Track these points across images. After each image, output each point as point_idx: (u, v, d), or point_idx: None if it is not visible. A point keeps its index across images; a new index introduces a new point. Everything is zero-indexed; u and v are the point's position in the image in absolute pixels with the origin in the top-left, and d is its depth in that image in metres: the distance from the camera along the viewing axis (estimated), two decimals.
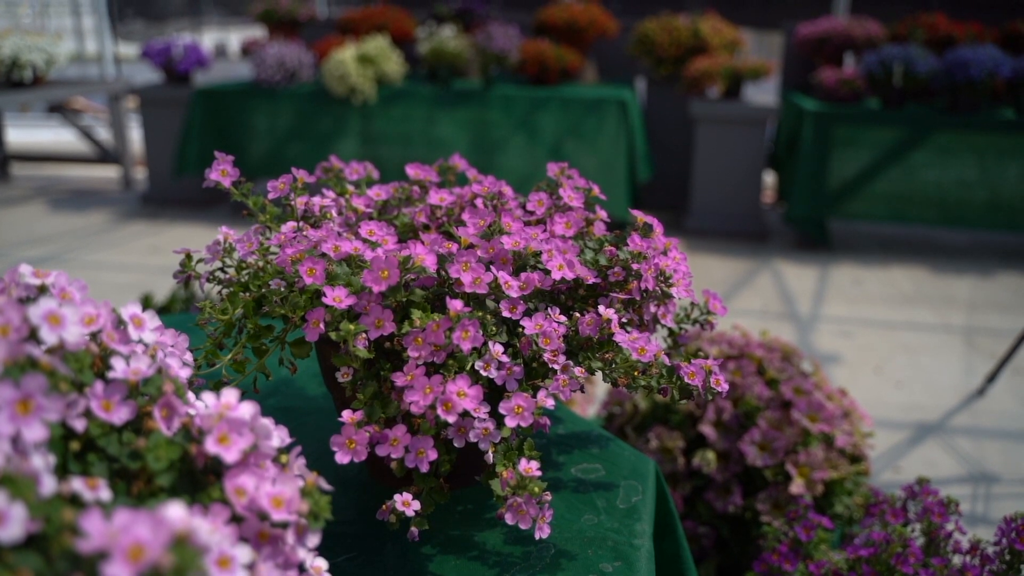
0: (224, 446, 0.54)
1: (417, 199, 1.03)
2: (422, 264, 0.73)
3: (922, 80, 4.16)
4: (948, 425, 2.78)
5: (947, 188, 4.21)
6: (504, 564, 0.85)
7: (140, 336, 0.62)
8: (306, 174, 0.96)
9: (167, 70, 5.00)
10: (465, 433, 0.73)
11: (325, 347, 0.88)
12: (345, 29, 5.08)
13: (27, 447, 0.48)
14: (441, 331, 0.70)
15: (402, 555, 0.86)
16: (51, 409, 0.49)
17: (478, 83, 4.70)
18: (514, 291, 0.77)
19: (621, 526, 0.91)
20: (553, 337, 0.75)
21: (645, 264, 0.84)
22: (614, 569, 0.84)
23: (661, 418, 1.55)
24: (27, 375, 0.48)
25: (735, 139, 4.46)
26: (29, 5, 10.78)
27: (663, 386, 0.80)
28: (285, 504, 0.54)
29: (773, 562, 1.18)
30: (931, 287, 4.03)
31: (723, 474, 1.47)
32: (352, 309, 0.75)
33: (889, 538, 1.13)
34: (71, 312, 0.53)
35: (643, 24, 4.84)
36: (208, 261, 0.92)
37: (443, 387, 0.69)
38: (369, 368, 0.77)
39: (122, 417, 0.55)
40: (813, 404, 1.46)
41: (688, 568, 1.07)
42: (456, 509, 0.93)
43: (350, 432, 0.70)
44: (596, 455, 1.05)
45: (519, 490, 0.70)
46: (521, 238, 0.82)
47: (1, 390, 0.47)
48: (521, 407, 0.71)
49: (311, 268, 0.75)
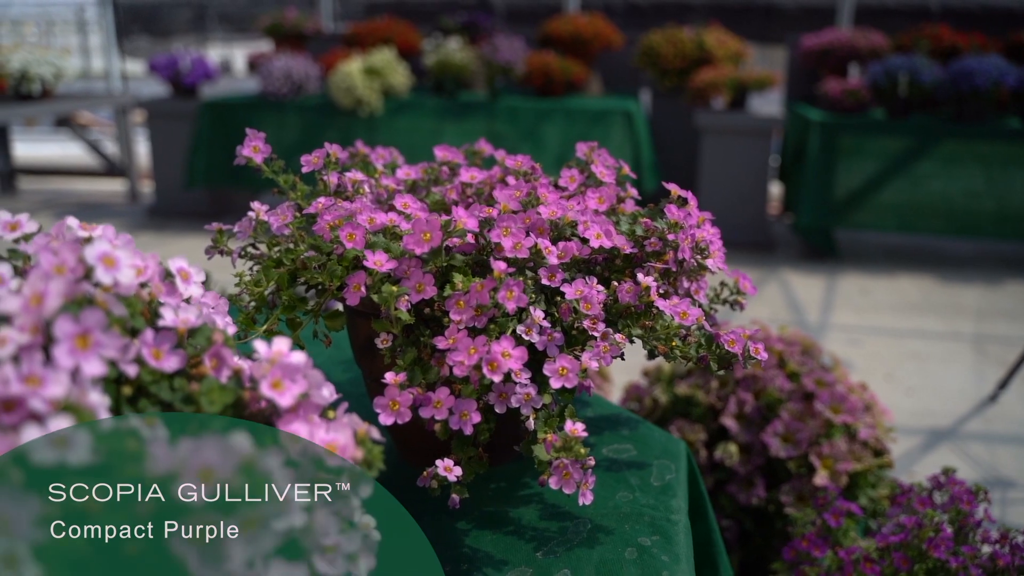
0: (278, 391, 0.53)
1: (446, 179, 1.03)
2: (464, 226, 0.72)
3: (927, 90, 4.18)
4: (961, 431, 2.77)
5: (954, 198, 4.21)
6: (541, 538, 0.84)
7: (186, 289, 0.61)
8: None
9: (174, 83, 5.02)
10: (507, 398, 0.72)
11: (358, 320, 0.88)
12: (351, 42, 5.10)
13: (85, 382, 0.47)
14: (486, 291, 0.69)
15: (438, 531, 0.85)
16: (109, 346, 0.48)
17: (484, 95, 4.72)
18: (553, 257, 0.76)
19: (657, 502, 0.90)
20: (594, 302, 0.74)
21: (682, 234, 0.83)
22: (652, 543, 0.83)
23: (682, 412, 1.54)
24: (86, 310, 0.48)
25: (741, 150, 4.47)
26: (35, 23, 10.85)
27: (702, 354, 0.80)
28: (339, 450, 0.53)
29: (802, 548, 1.17)
30: (939, 296, 4.02)
31: (746, 467, 1.45)
32: (392, 274, 0.74)
33: (921, 522, 1.12)
34: (125, 255, 0.53)
35: (648, 36, 4.86)
36: (240, 237, 0.92)
37: (488, 347, 0.68)
38: (408, 335, 0.77)
39: (172, 366, 0.54)
40: (836, 396, 1.45)
41: (719, 553, 1.06)
42: (489, 487, 0.92)
43: (393, 393, 0.69)
44: (627, 436, 1.04)
45: (565, 452, 0.70)
46: (558, 208, 0.82)
47: (61, 324, 0.47)
48: (566, 368, 0.71)
49: (351, 233, 0.74)
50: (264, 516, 0.41)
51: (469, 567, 0.79)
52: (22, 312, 0.47)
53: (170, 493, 0.40)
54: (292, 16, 5.35)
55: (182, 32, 8.12)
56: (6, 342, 0.45)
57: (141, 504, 0.40)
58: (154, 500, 0.40)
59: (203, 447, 0.41)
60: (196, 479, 0.40)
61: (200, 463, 0.40)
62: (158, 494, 0.40)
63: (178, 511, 0.40)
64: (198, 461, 0.40)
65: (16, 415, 0.44)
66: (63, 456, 0.41)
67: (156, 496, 0.40)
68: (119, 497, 0.41)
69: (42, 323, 0.47)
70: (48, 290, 0.47)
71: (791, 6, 6.35)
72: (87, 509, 0.40)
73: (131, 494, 0.41)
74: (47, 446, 0.41)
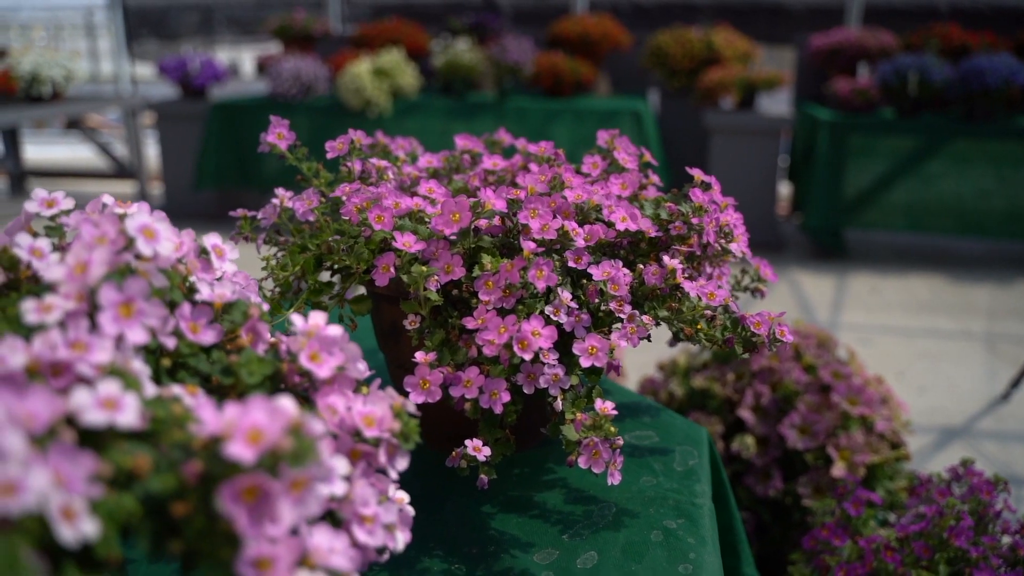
0: (316, 363, 0.53)
1: (467, 167, 1.03)
2: (492, 207, 0.73)
3: (937, 89, 4.17)
4: (974, 429, 2.76)
5: (965, 197, 4.20)
6: (566, 522, 0.84)
7: (221, 266, 0.61)
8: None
9: (183, 85, 5.03)
10: (535, 379, 0.72)
11: (383, 304, 0.88)
12: (360, 43, 5.12)
13: (128, 350, 0.47)
14: (516, 270, 0.70)
15: (463, 514, 0.85)
16: (151, 314, 0.49)
17: (492, 95, 4.73)
18: (580, 239, 0.77)
19: (681, 487, 0.90)
20: (621, 283, 0.75)
21: (707, 218, 0.84)
22: (678, 526, 0.83)
23: (698, 404, 1.54)
24: (129, 279, 0.48)
25: (749, 149, 4.46)
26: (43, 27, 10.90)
27: (728, 336, 0.80)
28: (377, 423, 0.53)
29: (822, 537, 1.17)
30: (949, 295, 4.01)
31: (762, 459, 1.45)
32: (421, 256, 0.74)
33: (941, 511, 1.11)
34: (164, 228, 0.53)
35: (656, 37, 4.86)
36: (264, 223, 0.93)
37: (518, 326, 0.69)
38: (435, 317, 0.77)
39: (209, 339, 0.54)
40: (853, 388, 1.45)
41: (741, 541, 1.06)
42: (513, 472, 0.92)
43: (424, 372, 0.69)
44: (648, 423, 1.04)
45: (595, 431, 0.70)
46: (583, 191, 0.82)
47: (105, 292, 0.47)
48: (595, 348, 0.71)
49: (379, 215, 0.75)
50: (312, 478, 0.41)
51: (496, 549, 0.79)
52: (66, 280, 0.47)
53: (218, 454, 0.40)
54: (300, 18, 5.36)
55: (190, 35, 8.14)
56: (52, 309, 0.46)
57: (189, 465, 0.41)
58: (202, 461, 0.41)
59: (251, 408, 0.41)
60: (245, 440, 0.40)
61: (249, 424, 0.40)
62: (206, 455, 0.41)
63: (227, 472, 0.40)
64: (247, 422, 0.40)
65: (64, 379, 0.44)
66: (113, 417, 0.41)
67: (204, 457, 0.41)
68: (167, 458, 0.41)
69: (86, 291, 0.48)
70: (92, 259, 0.48)
71: (798, 6, 6.35)
72: (135, 469, 0.40)
73: (179, 456, 0.41)
74: (97, 407, 0.41)
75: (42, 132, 7.81)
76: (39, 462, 0.36)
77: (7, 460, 0.35)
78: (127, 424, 0.41)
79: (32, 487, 0.34)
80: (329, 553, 0.44)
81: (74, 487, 0.36)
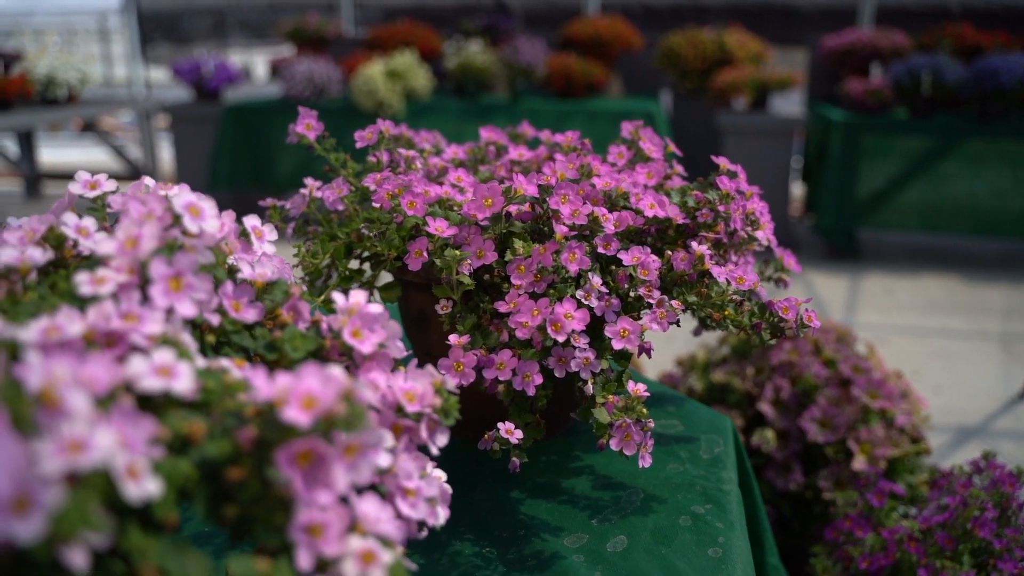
0: (359, 339, 0.54)
1: (492, 159, 1.04)
2: (524, 192, 0.73)
3: (951, 89, 4.16)
4: (990, 429, 2.76)
5: (979, 197, 4.18)
6: (595, 507, 0.84)
7: (260, 247, 0.62)
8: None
9: (197, 87, 5.06)
10: (566, 363, 0.73)
11: (411, 292, 0.89)
12: (373, 45, 5.14)
13: (178, 322, 0.48)
14: (548, 254, 0.70)
15: (492, 500, 0.86)
16: (200, 288, 0.49)
17: (505, 97, 4.74)
18: (610, 225, 0.77)
19: (708, 473, 0.90)
20: (651, 268, 0.75)
21: (733, 205, 0.84)
22: (706, 511, 0.83)
23: (718, 398, 1.54)
24: (178, 253, 0.49)
25: (762, 150, 4.46)
26: (56, 33, 10.97)
27: (756, 322, 0.80)
28: (418, 398, 0.54)
29: (845, 528, 1.17)
30: (964, 296, 4.00)
31: (782, 452, 1.45)
32: (453, 241, 0.75)
33: (965, 501, 1.11)
34: (209, 205, 0.54)
35: (668, 38, 4.87)
36: (293, 213, 0.93)
37: (551, 309, 0.69)
38: (467, 302, 0.78)
39: (251, 317, 0.55)
40: (873, 382, 1.45)
41: (765, 531, 1.06)
42: (540, 459, 0.93)
43: (458, 355, 0.70)
44: (673, 412, 1.04)
45: (627, 412, 0.70)
46: (611, 179, 0.83)
47: (156, 265, 0.48)
48: (627, 330, 0.71)
49: (411, 201, 0.75)
50: (365, 443, 0.42)
51: (526, 533, 0.80)
52: (118, 254, 0.48)
53: (273, 420, 0.41)
54: (314, 21, 5.39)
55: (203, 39, 8.18)
56: (106, 281, 0.47)
57: (244, 431, 0.41)
58: (256, 427, 0.41)
59: (304, 375, 0.42)
60: (300, 405, 0.41)
61: (303, 390, 0.41)
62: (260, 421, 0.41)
63: (282, 437, 0.41)
64: (301, 388, 0.41)
65: (118, 349, 0.45)
66: (168, 384, 0.42)
67: (258, 423, 0.41)
68: (221, 425, 0.42)
69: (137, 265, 0.48)
70: (142, 233, 0.49)
71: (809, 8, 6.34)
72: (191, 435, 0.41)
73: (233, 423, 0.42)
74: (153, 374, 0.42)
75: (57, 135, 7.86)
76: (103, 423, 0.37)
77: (74, 419, 0.36)
78: (182, 390, 0.42)
79: (98, 445, 0.35)
80: (377, 522, 0.45)
81: (136, 448, 0.37)
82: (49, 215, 0.56)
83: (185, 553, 0.39)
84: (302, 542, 0.41)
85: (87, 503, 0.34)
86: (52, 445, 0.34)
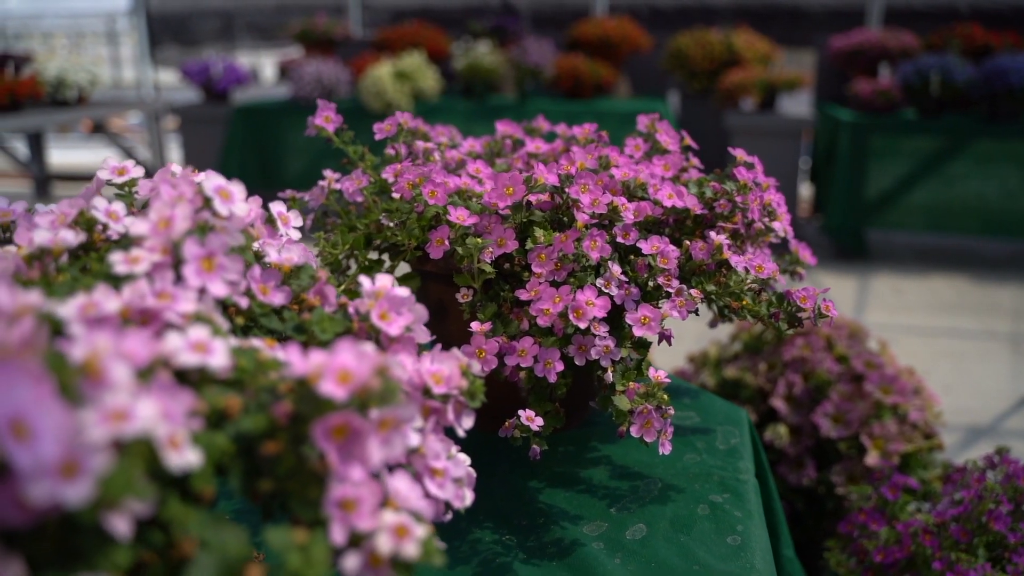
0: (386, 322, 0.55)
1: (508, 152, 1.05)
2: (544, 181, 0.74)
3: (960, 89, 4.15)
4: (1001, 428, 2.75)
5: (988, 198, 4.17)
6: (613, 496, 0.85)
7: (286, 232, 0.63)
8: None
9: (206, 89, 5.08)
10: (586, 351, 0.73)
11: (429, 283, 0.89)
12: (381, 47, 5.15)
13: (210, 302, 0.49)
14: (570, 241, 0.71)
15: (510, 489, 0.86)
16: (231, 269, 0.50)
17: (513, 98, 4.74)
18: (629, 215, 0.78)
19: (725, 463, 0.91)
20: (670, 257, 0.76)
21: (751, 195, 0.84)
22: (724, 500, 0.84)
23: (730, 394, 1.55)
24: (210, 235, 0.50)
25: (770, 150, 4.45)
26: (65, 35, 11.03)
27: (774, 311, 0.81)
28: (445, 380, 0.55)
29: (859, 522, 1.17)
30: (973, 296, 3.99)
31: (795, 448, 1.46)
32: (473, 230, 0.76)
33: (980, 494, 1.11)
34: (239, 189, 0.55)
35: (676, 39, 4.87)
36: (312, 204, 0.94)
37: (572, 296, 0.70)
38: (487, 291, 0.78)
39: (278, 301, 0.56)
40: (885, 377, 1.45)
41: (780, 523, 1.06)
42: (558, 450, 0.93)
43: (480, 341, 0.70)
44: (688, 404, 1.05)
45: (649, 398, 0.71)
46: (630, 170, 0.83)
47: (189, 246, 0.49)
48: (647, 317, 0.72)
49: (433, 190, 0.76)
50: (399, 418, 0.43)
51: (545, 521, 0.80)
52: (151, 234, 0.49)
53: (309, 394, 0.41)
54: (322, 22, 5.40)
55: (210, 41, 8.21)
56: (140, 260, 0.47)
57: (280, 406, 0.42)
58: (291, 402, 0.42)
59: (339, 351, 0.42)
60: (336, 380, 0.41)
61: (338, 365, 0.42)
62: (295, 397, 0.42)
63: (317, 411, 0.41)
64: (336, 363, 0.42)
65: (153, 327, 0.45)
66: (204, 359, 0.42)
67: (293, 399, 0.42)
68: (256, 400, 0.43)
69: (170, 245, 0.49)
70: (175, 214, 0.49)
71: (817, 9, 6.34)
72: (227, 409, 0.42)
73: (268, 398, 0.43)
74: (190, 349, 0.42)
75: (66, 137, 7.90)
76: (145, 394, 0.37)
77: (116, 390, 0.36)
78: (218, 365, 0.42)
79: (141, 415, 0.36)
80: (409, 498, 0.45)
81: (175, 420, 0.38)
82: (79, 199, 0.57)
83: (222, 525, 0.39)
84: (336, 517, 0.42)
85: (132, 470, 0.34)
86: (96, 414, 0.35)
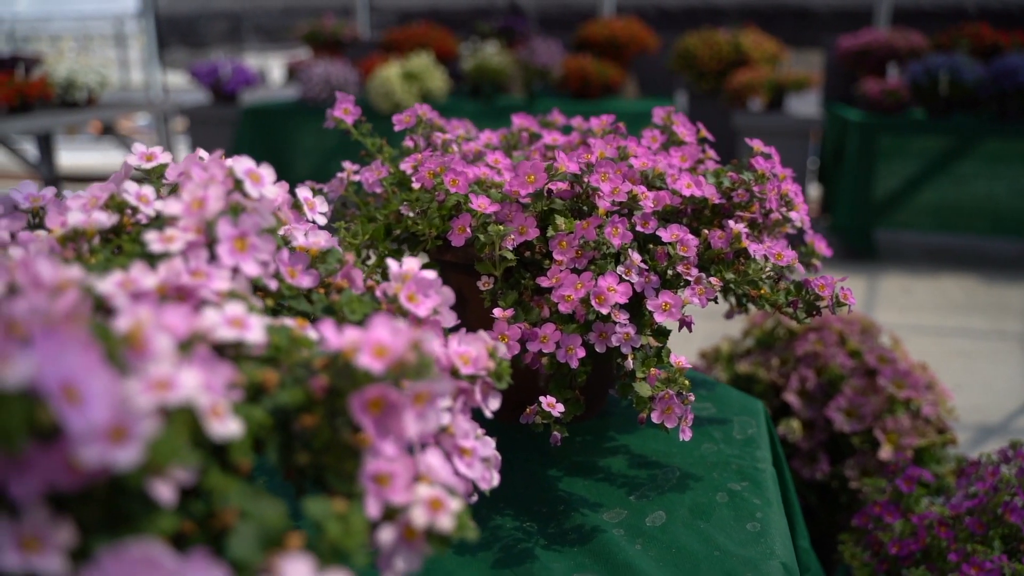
0: (414, 303, 0.55)
1: (525, 144, 1.05)
2: (565, 169, 0.74)
3: (968, 89, 4.14)
4: (1012, 427, 2.74)
5: (998, 197, 4.16)
6: (632, 484, 0.85)
7: (312, 217, 0.64)
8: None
9: (214, 90, 5.10)
10: (607, 337, 0.74)
11: (448, 272, 0.90)
12: (389, 48, 5.16)
13: (243, 281, 0.49)
14: (592, 228, 0.71)
15: (529, 477, 0.87)
16: (263, 249, 0.51)
17: (521, 98, 4.75)
18: (649, 203, 0.78)
19: (742, 452, 0.91)
20: (690, 245, 0.76)
21: (768, 185, 0.85)
22: (742, 488, 0.84)
23: (743, 389, 1.55)
24: (243, 215, 0.50)
25: (779, 150, 4.44)
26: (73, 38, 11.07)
27: (792, 300, 0.81)
28: (472, 361, 0.55)
29: (874, 514, 1.17)
30: (983, 296, 3.98)
31: (809, 442, 1.46)
32: (495, 218, 0.76)
33: (996, 487, 1.12)
34: (268, 172, 0.55)
35: (684, 39, 4.87)
36: (331, 196, 0.95)
37: (594, 282, 0.70)
38: (507, 279, 0.79)
39: (306, 283, 0.56)
40: (899, 372, 1.45)
41: (796, 514, 1.06)
42: (576, 439, 0.94)
43: (503, 327, 0.71)
44: (704, 396, 1.05)
45: (670, 384, 0.71)
46: (648, 160, 0.83)
47: (222, 226, 0.49)
48: (668, 304, 0.72)
49: (454, 179, 0.76)
50: (434, 391, 0.43)
51: (565, 508, 0.81)
52: (184, 215, 0.50)
53: (346, 368, 0.42)
54: (330, 23, 5.42)
55: (218, 43, 8.25)
56: (174, 239, 0.48)
57: (316, 380, 0.42)
58: (328, 377, 0.42)
59: (374, 326, 0.43)
60: (372, 353, 0.42)
61: (374, 340, 0.42)
62: (332, 371, 0.43)
63: (354, 384, 0.42)
64: (372, 338, 0.42)
65: (189, 304, 0.46)
66: (241, 334, 0.43)
67: (330, 373, 0.42)
68: (292, 375, 0.43)
69: (203, 225, 0.50)
70: (208, 195, 0.50)
71: (824, 9, 6.34)
72: (265, 383, 0.42)
73: (304, 373, 0.43)
74: (227, 324, 0.43)
75: (75, 138, 7.93)
76: (186, 365, 0.38)
77: (160, 359, 0.37)
78: (254, 340, 0.43)
79: (184, 384, 0.36)
80: (442, 473, 0.46)
81: (216, 391, 0.38)
82: (110, 183, 0.58)
83: (261, 497, 0.40)
84: (371, 490, 0.42)
85: (177, 437, 0.35)
86: (141, 383, 0.36)
